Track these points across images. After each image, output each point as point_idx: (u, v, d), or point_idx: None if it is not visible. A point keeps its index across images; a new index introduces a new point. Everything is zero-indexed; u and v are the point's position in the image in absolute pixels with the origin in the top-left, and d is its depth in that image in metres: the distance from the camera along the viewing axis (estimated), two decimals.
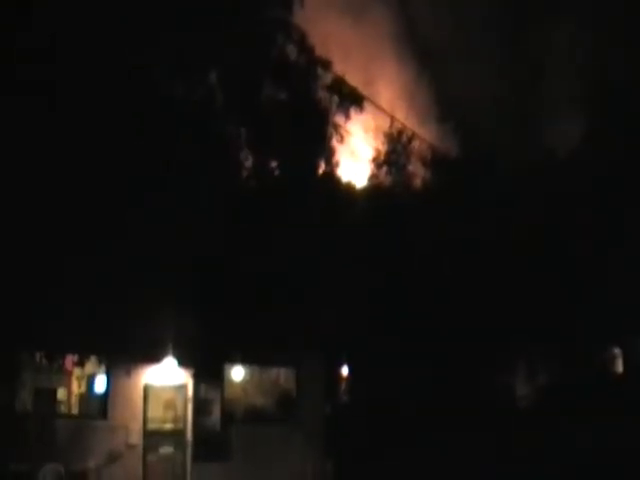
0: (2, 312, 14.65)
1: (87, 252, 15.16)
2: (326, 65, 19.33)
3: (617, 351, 28.03)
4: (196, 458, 19.46)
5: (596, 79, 28.91)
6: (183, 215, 16.29)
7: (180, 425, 19.63)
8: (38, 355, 17.37)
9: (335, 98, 19.81)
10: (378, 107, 24.40)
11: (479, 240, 23.75)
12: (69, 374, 18.90)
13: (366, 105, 21.13)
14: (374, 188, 25.34)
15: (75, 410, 19.18)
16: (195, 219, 16.53)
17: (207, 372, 20.02)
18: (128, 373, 18.69)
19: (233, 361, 21.01)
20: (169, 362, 19.00)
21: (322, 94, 19.70)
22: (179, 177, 16.15)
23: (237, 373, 21.37)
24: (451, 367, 23.88)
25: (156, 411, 19.43)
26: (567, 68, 37.15)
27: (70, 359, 18.39)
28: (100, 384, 19.03)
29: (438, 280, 23.26)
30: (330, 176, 20.91)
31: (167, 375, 19.35)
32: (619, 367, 28.18)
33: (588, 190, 25.10)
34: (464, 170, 26.18)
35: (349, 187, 24.78)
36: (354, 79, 21.10)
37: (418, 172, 26.20)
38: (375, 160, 25.64)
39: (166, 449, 19.36)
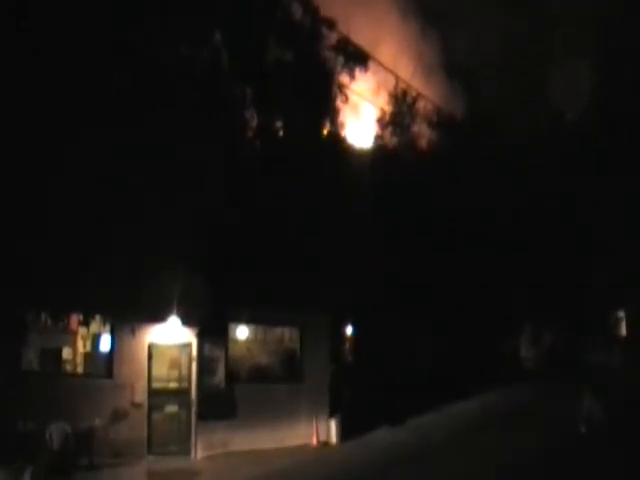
0: (7, 272, 14.71)
1: (92, 211, 15.18)
2: (331, 25, 19.20)
3: (621, 314, 28.13)
4: (201, 417, 19.52)
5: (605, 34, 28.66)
6: (187, 174, 16.28)
7: (185, 384, 19.71)
8: (43, 315, 17.43)
9: (340, 58, 19.69)
10: (383, 66, 24.19)
11: (485, 202, 23.73)
12: (74, 334, 19.06)
13: (371, 65, 20.98)
14: (379, 148, 25.23)
15: (80, 369, 19.39)
16: (200, 178, 16.52)
17: (212, 331, 20.00)
18: (133, 332, 18.71)
19: (238, 320, 21.02)
20: (173, 321, 19.02)
21: (327, 54, 19.58)
22: (185, 136, 16.11)
23: (242, 332, 21.42)
24: (456, 329, 23.98)
25: (161, 370, 19.52)
26: (575, 24, 36.79)
27: (75, 318, 18.47)
28: (105, 343, 19.15)
29: (445, 242, 23.25)
30: (335, 136, 20.81)
31: (172, 334, 19.39)
32: (623, 330, 28.33)
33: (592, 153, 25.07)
34: (469, 130, 26.09)
35: (354, 147, 24.62)
36: (358, 39, 20.95)
37: (423, 132, 26.08)
38: (380, 120, 25.50)
39: (171, 408, 19.48)
